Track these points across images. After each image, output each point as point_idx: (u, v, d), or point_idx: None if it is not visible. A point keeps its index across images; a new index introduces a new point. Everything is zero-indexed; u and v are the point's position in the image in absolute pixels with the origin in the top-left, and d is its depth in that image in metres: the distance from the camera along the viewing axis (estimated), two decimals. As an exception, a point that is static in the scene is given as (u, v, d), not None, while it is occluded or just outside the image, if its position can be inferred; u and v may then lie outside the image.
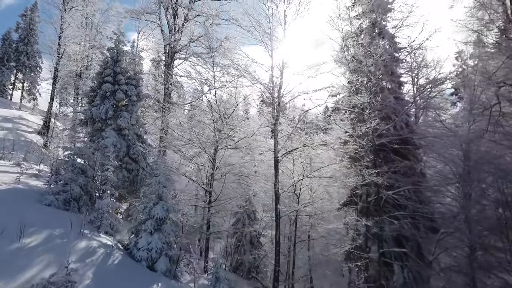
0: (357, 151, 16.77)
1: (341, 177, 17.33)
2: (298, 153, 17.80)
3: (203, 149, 18.06)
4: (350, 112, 18.30)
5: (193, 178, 18.52)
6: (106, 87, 19.94)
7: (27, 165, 21.41)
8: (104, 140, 18.77)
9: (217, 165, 18.21)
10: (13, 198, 13.95)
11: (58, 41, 30.34)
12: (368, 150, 16.59)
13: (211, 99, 18.75)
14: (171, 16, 24.91)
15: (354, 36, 20.66)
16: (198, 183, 18.32)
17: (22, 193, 14.89)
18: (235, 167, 19.06)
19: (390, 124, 17.03)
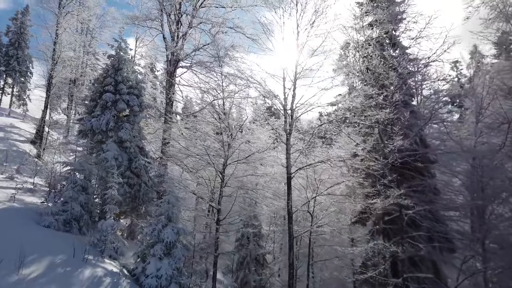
0: (376, 169, 15.95)
1: (358, 195, 16.51)
2: (312, 168, 16.95)
3: (211, 164, 17.03)
4: (368, 127, 17.53)
5: (202, 196, 17.46)
6: (106, 96, 18.86)
7: (20, 178, 20.25)
8: (104, 153, 17.70)
9: (226, 181, 17.20)
10: (9, 219, 12.85)
11: (53, 46, 29.14)
12: (388, 167, 15.76)
13: (219, 110, 17.72)
14: (173, 22, 23.96)
15: (362, 46, 19.95)
16: (207, 200, 17.27)
17: (18, 213, 13.78)
18: (245, 182, 18.05)
19: (408, 139, 16.25)
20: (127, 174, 18.42)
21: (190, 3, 23.02)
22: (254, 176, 18.40)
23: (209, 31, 22.56)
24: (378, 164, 16.18)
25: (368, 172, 16.27)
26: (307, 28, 17.13)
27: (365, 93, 15.74)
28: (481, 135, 18.73)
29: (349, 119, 17.93)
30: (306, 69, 16.75)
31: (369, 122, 16.29)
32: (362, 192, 16.56)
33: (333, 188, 17.07)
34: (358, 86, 19.92)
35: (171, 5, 23.06)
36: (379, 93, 15.81)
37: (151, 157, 21.27)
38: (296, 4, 17.51)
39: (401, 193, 14.28)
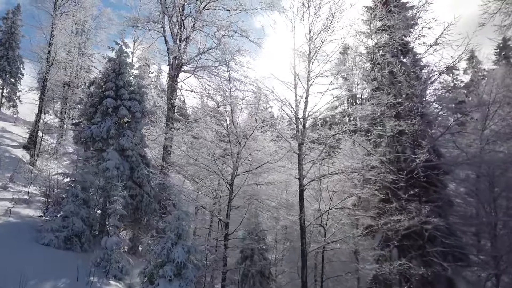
0: (391, 181, 15.25)
1: (372, 208, 15.80)
2: (325, 179, 16.21)
3: (220, 175, 16.20)
4: (379, 136, 16.84)
5: (211, 210, 16.54)
6: (107, 102, 17.91)
7: (14, 188, 19.17)
8: (105, 162, 16.74)
9: (236, 193, 16.37)
10: (6, 237, 11.88)
11: (48, 48, 28.00)
12: (405, 180, 15.07)
13: (226, 117, 16.87)
14: (175, 25, 23.06)
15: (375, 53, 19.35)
16: (215, 214, 16.38)
17: (15, 229, 12.83)
18: (254, 193, 17.25)
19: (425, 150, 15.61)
20: (128, 184, 17.44)
21: (194, 5, 22.12)
22: (264, 187, 17.56)
23: (214, 34, 21.71)
24: (394, 176, 15.50)
25: (385, 185, 15.54)
26: (321, 33, 16.43)
27: (386, 102, 15.05)
28: (488, 143, 18.32)
29: (360, 128, 17.26)
30: (320, 76, 16.00)
31: (390, 133, 15.54)
32: (379, 206, 15.78)
33: (346, 200, 16.30)
34: (363, 93, 19.18)
35: (174, 7, 22.15)
36: (402, 102, 15.11)
37: (153, 165, 20.32)
38: (309, 8, 16.81)
39: (426, 208, 13.52)
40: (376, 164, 15.50)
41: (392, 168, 15.74)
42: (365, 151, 17.62)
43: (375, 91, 17.01)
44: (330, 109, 17.00)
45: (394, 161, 15.93)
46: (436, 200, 15.66)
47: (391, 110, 15.15)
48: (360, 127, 15.95)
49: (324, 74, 15.91)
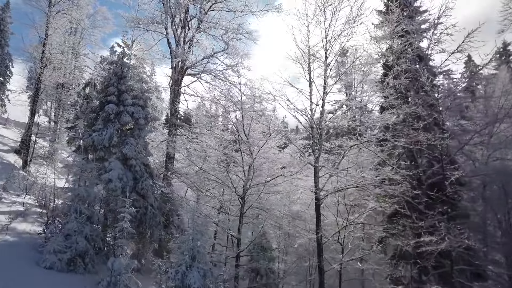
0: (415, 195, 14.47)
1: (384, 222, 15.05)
2: (342, 193, 15.36)
3: (232, 188, 15.27)
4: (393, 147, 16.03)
5: (224, 226, 15.55)
6: (109, 108, 16.85)
7: (8, 198, 17.99)
8: (108, 173, 15.70)
9: (248, 207, 15.46)
10: (5, 259, 10.84)
11: (42, 48, 26.67)
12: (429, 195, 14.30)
13: (236, 125, 15.91)
14: (178, 26, 22.03)
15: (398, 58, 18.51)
16: (226, 229, 15.40)
17: (14, 249, 11.81)
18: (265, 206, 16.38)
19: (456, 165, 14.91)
20: (132, 196, 16.35)
21: (200, 6, 21.11)
22: (273, 197, 16.69)
23: (221, 37, 20.73)
24: (414, 190, 14.74)
25: (406, 199, 14.75)
26: (339, 38, 15.61)
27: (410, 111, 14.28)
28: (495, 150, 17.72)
29: (378, 138, 16.42)
30: (338, 83, 15.16)
31: (411, 145, 14.73)
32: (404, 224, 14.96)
33: (364, 214, 15.47)
34: (368, 99, 18.28)
35: (178, 8, 21.11)
36: (430, 113, 14.35)
37: (156, 174, 19.29)
38: (325, 11, 15.94)
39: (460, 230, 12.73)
40: (396, 177, 14.66)
41: (412, 182, 14.93)
42: (377, 162, 16.89)
43: (391, 99, 16.06)
44: (344, 118, 16.14)
45: (414, 174, 15.08)
46: (462, 216, 14.92)
47: (418, 121, 14.31)
48: (378, 137, 15.04)
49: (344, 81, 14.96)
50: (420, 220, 15.17)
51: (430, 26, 18.27)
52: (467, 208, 17.45)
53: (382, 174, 14.77)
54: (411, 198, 14.74)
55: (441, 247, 12.26)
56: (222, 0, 21.47)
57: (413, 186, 14.94)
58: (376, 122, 15.10)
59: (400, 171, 14.63)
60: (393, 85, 16.82)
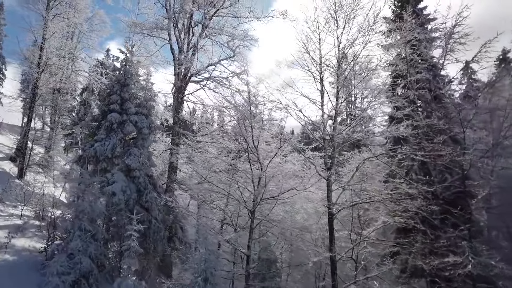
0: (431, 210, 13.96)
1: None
2: (356, 207, 14.80)
3: (242, 203, 14.65)
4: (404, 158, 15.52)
5: (235, 244, 14.86)
6: (112, 117, 16.21)
7: (5, 210, 17.22)
8: (111, 185, 15.03)
9: (259, 222, 14.86)
10: (5, 282, 10.09)
11: (39, 52, 25.88)
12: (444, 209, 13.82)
13: (248, 137, 15.27)
14: (181, 32, 21.39)
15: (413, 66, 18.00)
16: (236, 246, 14.73)
17: (14, 271, 11.07)
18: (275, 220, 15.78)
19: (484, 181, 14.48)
20: (136, 209, 15.71)
21: (204, 12, 20.52)
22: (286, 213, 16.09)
23: (227, 44, 20.14)
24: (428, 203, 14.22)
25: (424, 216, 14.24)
26: (349, 47, 15.13)
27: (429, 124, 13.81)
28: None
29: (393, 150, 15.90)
30: (352, 94, 14.63)
31: (431, 159, 14.22)
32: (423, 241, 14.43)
33: (377, 228, 14.92)
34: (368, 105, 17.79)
35: (182, 14, 20.53)
36: (450, 128, 13.88)
37: (160, 185, 18.61)
38: (337, 20, 15.45)
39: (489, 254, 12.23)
40: (412, 191, 14.13)
41: (427, 196, 14.43)
42: (385, 173, 16.41)
43: (407, 111, 15.45)
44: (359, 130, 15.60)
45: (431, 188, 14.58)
46: (478, 231, 14.44)
47: (438, 135, 13.81)
48: (394, 150, 14.51)
49: (357, 92, 14.44)
50: (436, 237, 14.72)
51: (441, 35, 17.88)
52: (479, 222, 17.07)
53: (398, 188, 14.20)
54: (427, 213, 14.23)
55: (467, 270, 11.69)
56: (227, 6, 20.89)
57: (428, 201, 14.42)
58: (391, 134, 14.54)
59: (417, 185, 14.11)
60: (405, 96, 16.40)
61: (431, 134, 14.40)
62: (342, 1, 15.35)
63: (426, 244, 14.07)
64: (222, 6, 20.84)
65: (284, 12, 21.49)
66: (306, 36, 15.72)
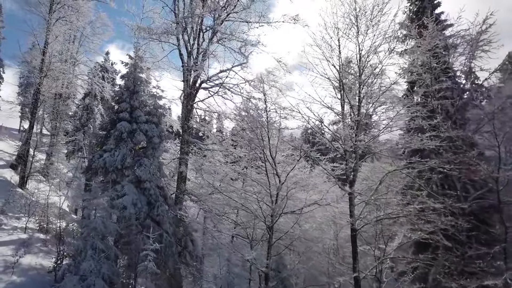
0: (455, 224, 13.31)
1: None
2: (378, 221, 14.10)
3: (261, 218, 13.93)
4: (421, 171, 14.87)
5: (253, 262, 14.09)
6: (122, 126, 15.49)
7: (9, 223, 16.46)
8: (121, 198, 14.29)
9: (277, 239, 14.15)
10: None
11: (42, 56, 25.09)
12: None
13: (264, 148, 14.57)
14: (190, 36, 20.69)
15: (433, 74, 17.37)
16: (258, 266, 13.91)
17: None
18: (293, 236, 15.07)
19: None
20: (146, 223, 14.98)
21: (215, 16, 19.89)
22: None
23: (239, 49, 19.47)
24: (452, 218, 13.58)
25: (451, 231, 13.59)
26: (373, 53, 14.48)
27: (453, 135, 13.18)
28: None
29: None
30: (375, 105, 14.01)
31: (464, 174, 13.60)
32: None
33: (402, 245, 14.23)
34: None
35: (191, 18, 19.85)
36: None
37: (170, 197, 17.87)
38: (357, 25, 14.82)
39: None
40: (438, 206, 13.46)
41: (455, 211, 13.78)
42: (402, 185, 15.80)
43: (435, 122, 14.71)
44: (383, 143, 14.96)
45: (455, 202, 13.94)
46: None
47: (471, 148, 13.20)
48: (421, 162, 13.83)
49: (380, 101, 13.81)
50: (462, 253, 14.12)
51: (463, 41, 17.29)
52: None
53: (424, 203, 13.54)
54: (455, 229, 13.59)
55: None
56: (239, 11, 20.23)
57: (456, 216, 13.77)
58: (415, 146, 13.86)
59: (445, 200, 13.48)
60: (423, 104, 15.78)
61: (460, 146, 13.81)
62: (363, 6, 14.75)
63: (457, 263, 13.38)
64: (233, 10, 20.18)
65: (295, 17, 20.87)
66: (324, 42, 15.13)
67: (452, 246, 14.12)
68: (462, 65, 16.89)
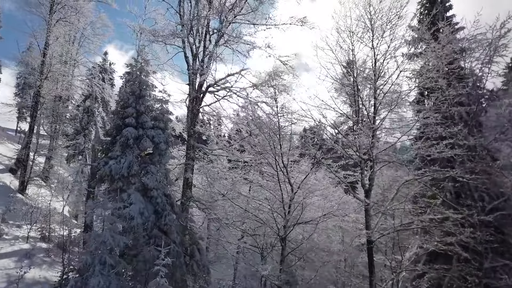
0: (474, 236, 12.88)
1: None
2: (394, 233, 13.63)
3: (274, 228, 13.45)
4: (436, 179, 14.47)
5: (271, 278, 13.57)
6: (128, 132, 14.93)
7: (10, 233, 15.89)
8: (128, 207, 13.74)
9: (291, 251, 13.66)
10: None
11: (42, 58, 24.48)
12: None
13: (276, 155, 14.08)
14: (196, 38, 20.15)
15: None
16: (270, 279, 13.41)
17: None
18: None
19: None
20: (154, 233, 14.47)
21: (222, 17, 19.36)
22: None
23: (247, 52, 18.97)
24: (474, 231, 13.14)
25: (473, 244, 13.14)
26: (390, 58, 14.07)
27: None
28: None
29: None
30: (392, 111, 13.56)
31: (486, 183, 13.17)
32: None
33: (419, 256, 13.80)
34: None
35: (197, 20, 19.33)
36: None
37: (177, 205, 17.33)
38: (372, 29, 14.39)
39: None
40: (457, 216, 13.02)
41: (474, 222, 13.34)
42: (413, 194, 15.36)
43: (455, 131, 14.22)
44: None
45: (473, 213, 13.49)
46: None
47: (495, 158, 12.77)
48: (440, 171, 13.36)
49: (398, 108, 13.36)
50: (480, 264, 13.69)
51: (478, 46, 16.85)
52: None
53: (442, 213, 13.10)
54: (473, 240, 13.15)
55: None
56: (245, 13, 19.72)
57: (475, 227, 13.33)
58: (433, 154, 13.43)
59: (464, 210, 13.05)
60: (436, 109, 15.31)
61: (480, 155, 13.37)
62: (378, 10, 14.32)
63: (475, 276, 12.93)
64: (240, 12, 19.67)
65: (303, 19, 20.37)
66: (337, 45, 14.71)
67: (470, 257, 13.68)
68: (478, 70, 16.42)
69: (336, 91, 15.90)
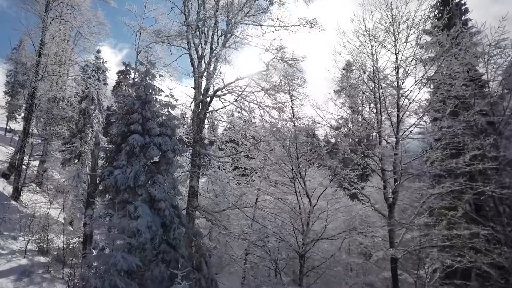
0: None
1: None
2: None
3: (294, 246, 12.63)
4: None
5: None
6: (134, 140, 13.99)
7: (6, 246, 14.84)
8: (136, 221, 12.80)
9: (310, 269, 12.88)
10: None
11: (38, 58, 23.33)
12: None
13: (293, 165, 13.28)
14: (201, 40, 19.24)
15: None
16: None
17: None
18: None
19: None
20: (162, 248, 13.57)
21: (229, 18, 18.50)
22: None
23: (259, 56, 18.16)
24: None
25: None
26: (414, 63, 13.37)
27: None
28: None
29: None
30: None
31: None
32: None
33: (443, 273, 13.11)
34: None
35: (204, 21, 18.45)
36: None
37: (184, 215, 16.44)
38: (394, 33, 13.68)
39: None
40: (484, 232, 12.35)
41: (499, 236, 12.70)
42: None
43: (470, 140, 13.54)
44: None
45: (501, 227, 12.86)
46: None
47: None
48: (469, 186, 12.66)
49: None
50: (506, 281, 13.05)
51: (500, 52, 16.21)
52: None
53: (469, 229, 12.40)
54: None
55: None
56: (254, 14, 18.87)
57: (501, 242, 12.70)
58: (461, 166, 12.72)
59: (491, 225, 12.38)
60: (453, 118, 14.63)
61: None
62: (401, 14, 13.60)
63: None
64: (249, 13, 18.83)
65: (312, 21, 19.61)
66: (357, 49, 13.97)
67: (494, 273, 13.05)
68: (502, 77, 15.80)
69: (351, 98, 15.12)
